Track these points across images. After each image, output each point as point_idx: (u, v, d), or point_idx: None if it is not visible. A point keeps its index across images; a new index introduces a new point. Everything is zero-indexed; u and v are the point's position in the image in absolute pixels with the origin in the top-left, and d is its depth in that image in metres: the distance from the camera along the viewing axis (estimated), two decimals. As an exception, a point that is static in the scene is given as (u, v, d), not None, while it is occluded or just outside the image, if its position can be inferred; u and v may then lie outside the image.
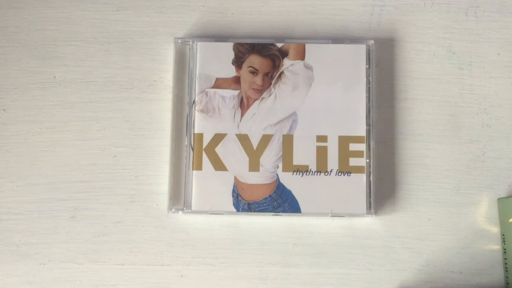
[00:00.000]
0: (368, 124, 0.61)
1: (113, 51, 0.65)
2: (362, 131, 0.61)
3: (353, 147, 0.61)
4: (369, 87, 0.62)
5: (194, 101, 0.61)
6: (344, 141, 0.61)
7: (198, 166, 0.61)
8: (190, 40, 0.63)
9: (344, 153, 0.60)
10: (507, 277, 0.60)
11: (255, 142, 0.61)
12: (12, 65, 0.65)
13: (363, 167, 0.60)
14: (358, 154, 0.61)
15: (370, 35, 0.65)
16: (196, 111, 0.61)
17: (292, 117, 0.61)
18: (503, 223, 0.60)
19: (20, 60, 0.65)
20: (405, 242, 0.61)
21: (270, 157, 0.61)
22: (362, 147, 0.61)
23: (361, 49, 0.62)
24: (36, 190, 0.63)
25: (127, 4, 0.65)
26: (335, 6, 0.65)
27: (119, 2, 0.66)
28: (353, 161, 0.60)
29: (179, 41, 0.63)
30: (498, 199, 0.62)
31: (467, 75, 0.64)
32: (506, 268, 0.60)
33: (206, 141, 0.61)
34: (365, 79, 0.62)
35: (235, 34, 0.65)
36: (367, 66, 0.62)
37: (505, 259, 0.60)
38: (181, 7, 0.65)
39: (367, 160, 0.61)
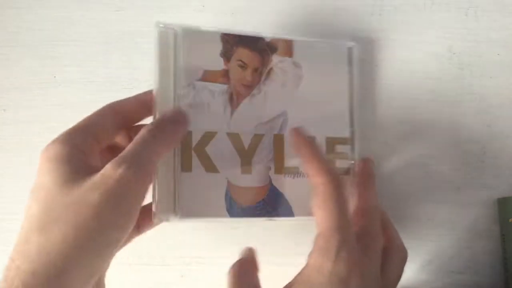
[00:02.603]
0: (350, 126, 0.59)
1: (113, 51, 0.65)
2: (348, 132, 0.59)
3: (339, 148, 0.59)
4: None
5: (179, 94, 0.55)
6: (330, 142, 0.59)
7: (187, 167, 0.54)
8: (174, 27, 0.55)
9: (331, 155, 0.58)
10: (507, 277, 0.60)
11: (246, 142, 0.57)
12: (12, 65, 0.65)
13: (348, 168, 0.59)
14: (344, 156, 0.59)
15: (370, 35, 0.64)
16: (182, 106, 0.55)
17: (282, 116, 0.58)
18: (503, 223, 0.60)
19: (20, 60, 0.65)
20: (405, 242, 0.61)
21: (261, 158, 0.57)
22: (347, 148, 0.59)
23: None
24: (36, 190, 0.63)
25: (127, 4, 0.65)
26: (335, 6, 0.65)
27: (119, 2, 0.65)
28: (340, 163, 0.59)
29: (161, 26, 0.54)
30: (498, 199, 0.62)
31: (467, 75, 0.64)
32: (506, 268, 0.60)
33: (195, 140, 0.55)
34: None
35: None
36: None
37: (505, 259, 0.60)
38: (181, 7, 0.65)
39: (352, 162, 0.59)
